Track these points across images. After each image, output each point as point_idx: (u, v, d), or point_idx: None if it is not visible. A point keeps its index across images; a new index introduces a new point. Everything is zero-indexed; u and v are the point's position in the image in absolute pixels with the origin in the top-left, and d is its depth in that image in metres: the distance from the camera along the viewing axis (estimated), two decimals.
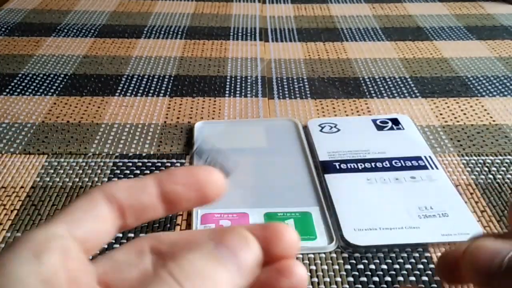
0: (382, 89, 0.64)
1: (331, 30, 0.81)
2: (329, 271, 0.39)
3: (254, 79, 0.43)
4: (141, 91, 0.63)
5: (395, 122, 0.56)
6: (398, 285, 0.38)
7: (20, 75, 0.66)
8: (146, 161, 0.50)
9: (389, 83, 0.65)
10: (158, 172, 0.22)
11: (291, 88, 0.64)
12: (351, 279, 0.38)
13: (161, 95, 0.62)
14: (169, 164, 0.50)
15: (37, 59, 0.70)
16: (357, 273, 0.39)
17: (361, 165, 0.49)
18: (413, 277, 0.38)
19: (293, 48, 0.75)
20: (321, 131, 0.54)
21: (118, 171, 0.49)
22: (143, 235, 0.33)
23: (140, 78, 0.66)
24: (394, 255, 0.40)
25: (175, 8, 0.89)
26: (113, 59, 0.71)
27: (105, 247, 0.37)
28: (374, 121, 0.56)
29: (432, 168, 0.49)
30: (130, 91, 0.63)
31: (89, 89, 0.63)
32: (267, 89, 0.64)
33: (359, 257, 0.40)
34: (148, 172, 0.49)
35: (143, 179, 0.21)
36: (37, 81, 0.65)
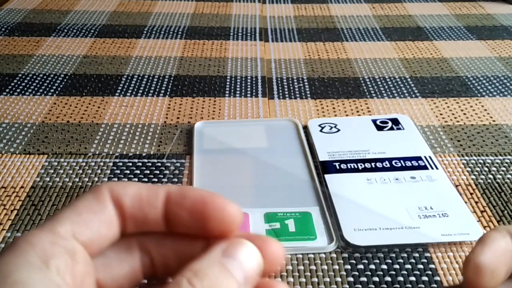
0: (382, 89, 0.64)
1: (331, 30, 0.81)
2: (329, 271, 0.39)
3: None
4: (141, 91, 0.63)
5: (395, 122, 0.56)
6: (398, 285, 0.38)
7: (20, 75, 0.66)
8: (146, 161, 0.50)
9: (389, 83, 0.65)
10: (171, 185, 0.21)
11: (291, 88, 0.64)
12: (351, 279, 0.38)
13: (161, 95, 0.62)
14: (169, 164, 0.50)
15: (37, 59, 0.70)
16: (357, 273, 0.39)
17: (361, 165, 0.49)
18: (413, 277, 0.38)
19: (293, 48, 0.75)
20: (321, 131, 0.54)
21: (118, 171, 0.49)
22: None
23: (140, 78, 0.66)
24: (394, 255, 0.40)
25: (175, 8, 0.89)
26: (113, 59, 0.71)
27: None
28: (374, 121, 0.56)
29: (432, 168, 0.49)
30: (130, 91, 0.63)
31: (89, 89, 0.63)
32: (267, 89, 0.64)
33: (359, 257, 0.40)
34: (148, 172, 0.49)
35: (154, 189, 0.20)
36: (37, 81, 0.65)
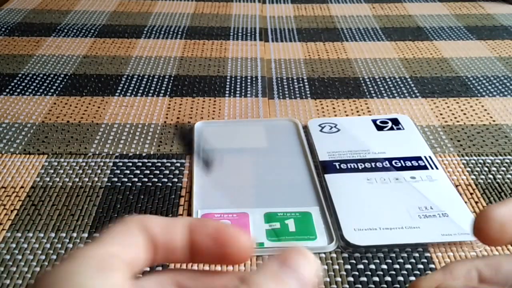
0: (382, 89, 0.64)
1: (331, 30, 0.81)
2: (329, 271, 0.39)
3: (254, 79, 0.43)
4: (141, 91, 0.63)
5: (395, 122, 0.56)
6: (398, 285, 0.38)
7: (20, 75, 0.66)
8: (146, 161, 0.50)
9: (389, 83, 0.65)
10: (190, 217, 0.22)
11: (291, 88, 0.64)
12: (351, 279, 0.38)
13: (161, 95, 0.62)
14: (169, 164, 0.50)
15: (37, 59, 0.70)
16: (357, 273, 0.39)
17: (361, 165, 0.49)
18: (413, 277, 0.38)
19: (293, 48, 0.75)
20: (321, 131, 0.54)
21: (118, 171, 0.49)
22: (171, 267, 0.33)
23: (140, 78, 0.66)
24: (394, 255, 0.40)
25: (175, 8, 0.89)
26: (113, 59, 0.71)
27: None
28: (374, 121, 0.56)
29: (432, 168, 0.49)
30: (130, 91, 0.63)
31: (89, 89, 0.63)
32: (267, 89, 0.64)
33: (359, 257, 0.40)
34: (148, 172, 0.49)
35: (176, 220, 0.21)
36: (37, 81, 0.65)
